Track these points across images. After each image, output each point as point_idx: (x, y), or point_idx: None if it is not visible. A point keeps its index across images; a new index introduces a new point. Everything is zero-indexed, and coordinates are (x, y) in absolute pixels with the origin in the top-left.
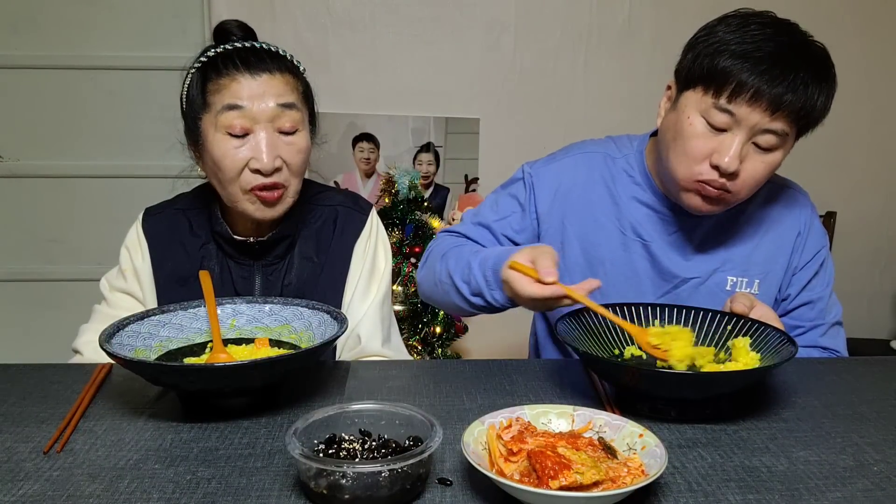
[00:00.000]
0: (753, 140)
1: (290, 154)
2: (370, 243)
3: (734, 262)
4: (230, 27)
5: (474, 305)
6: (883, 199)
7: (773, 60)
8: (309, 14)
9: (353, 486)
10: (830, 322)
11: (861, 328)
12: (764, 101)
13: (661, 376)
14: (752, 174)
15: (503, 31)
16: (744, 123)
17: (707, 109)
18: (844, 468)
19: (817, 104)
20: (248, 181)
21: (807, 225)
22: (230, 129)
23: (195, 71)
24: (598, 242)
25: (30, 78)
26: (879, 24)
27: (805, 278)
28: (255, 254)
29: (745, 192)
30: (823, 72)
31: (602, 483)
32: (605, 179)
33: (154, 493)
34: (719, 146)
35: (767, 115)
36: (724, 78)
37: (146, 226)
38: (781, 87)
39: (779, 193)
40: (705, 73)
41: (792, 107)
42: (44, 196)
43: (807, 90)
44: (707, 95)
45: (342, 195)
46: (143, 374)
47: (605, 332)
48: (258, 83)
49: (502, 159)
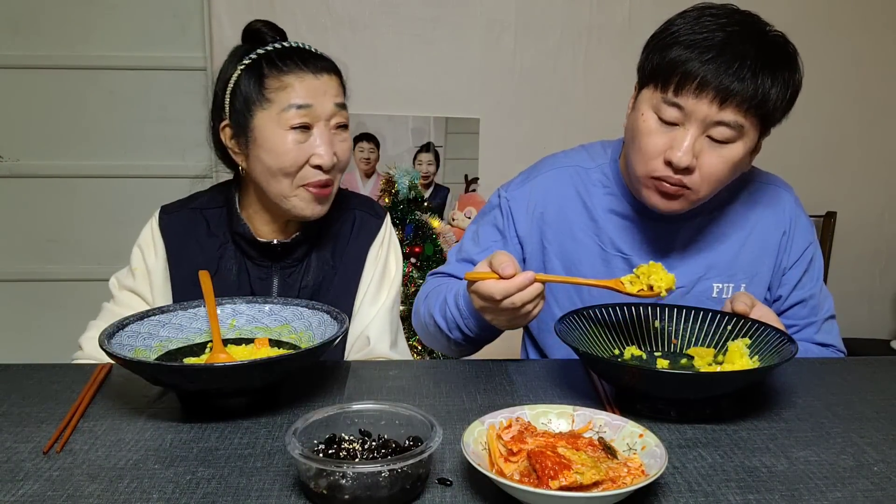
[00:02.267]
0: (708, 133)
1: (342, 150)
2: (383, 249)
3: (719, 268)
4: (262, 28)
5: (456, 342)
6: (883, 200)
7: (720, 50)
8: (309, 14)
9: (353, 487)
10: (824, 317)
11: (861, 328)
12: (710, 91)
13: (661, 376)
14: (709, 169)
15: (503, 31)
16: (693, 117)
17: (658, 105)
18: (844, 468)
19: (770, 94)
20: (305, 176)
21: (792, 223)
22: (294, 125)
23: (244, 68)
24: (578, 259)
25: (30, 78)
26: (879, 23)
27: (795, 277)
28: (274, 255)
29: (706, 188)
30: (778, 61)
31: (602, 483)
32: (580, 194)
33: (154, 493)
34: (672, 141)
35: (716, 106)
36: (671, 71)
37: (163, 224)
38: (727, 76)
39: (760, 192)
40: (655, 68)
41: (741, 96)
42: (44, 196)
43: (756, 79)
44: (657, 91)
45: (359, 199)
46: (142, 374)
47: (605, 332)
48: (320, 82)
49: (502, 159)
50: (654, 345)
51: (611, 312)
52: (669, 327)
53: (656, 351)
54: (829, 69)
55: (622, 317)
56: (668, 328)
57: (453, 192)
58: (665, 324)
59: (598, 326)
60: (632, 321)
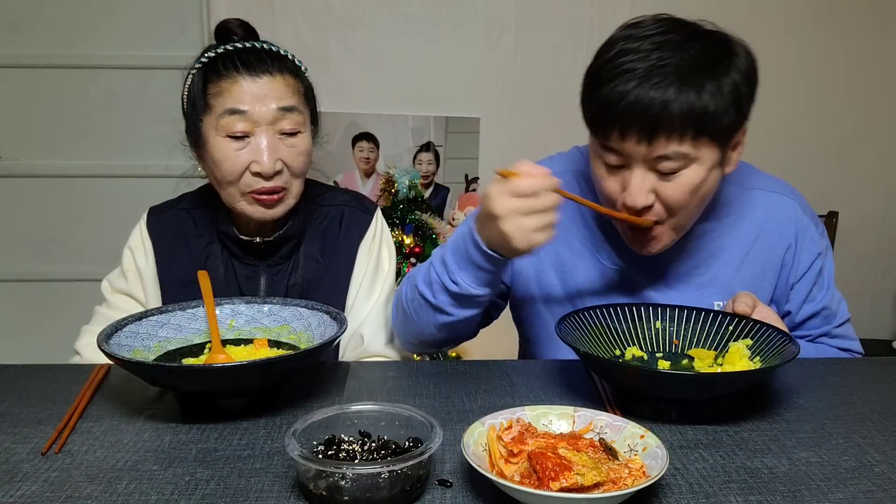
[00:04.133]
0: (655, 168)
1: (290, 156)
2: (375, 244)
3: (718, 286)
4: (231, 26)
5: (442, 309)
6: (885, 199)
7: (638, 82)
8: (309, 14)
9: (353, 488)
10: (838, 323)
11: (863, 328)
12: (634, 135)
13: (661, 377)
14: (671, 201)
15: (504, 30)
16: (632, 157)
17: (599, 152)
18: (846, 469)
19: (706, 116)
20: (248, 184)
21: (798, 235)
22: (231, 132)
23: (196, 72)
24: (574, 270)
25: (29, 77)
26: (880, 23)
27: (804, 291)
28: (260, 254)
29: (684, 215)
30: (700, 72)
31: (603, 484)
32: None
33: (152, 494)
34: (623, 183)
35: (645, 146)
36: (597, 119)
37: (151, 226)
38: (646, 115)
39: (762, 201)
40: (587, 119)
41: (669, 130)
42: (43, 196)
43: (683, 104)
44: (596, 139)
45: (347, 195)
46: (141, 374)
47: (606, 333)
48: (259, 85)
49: (502, 159)
50: (656, 345)
51: (612, 313)
52: (671, 328)
53: (658, 352)
54: (832, 69)
55: (623, 317)
56: (669, 329)
57: (453, 192)
58: (666, 324)
59: (598, 327)
60: (633, 322)
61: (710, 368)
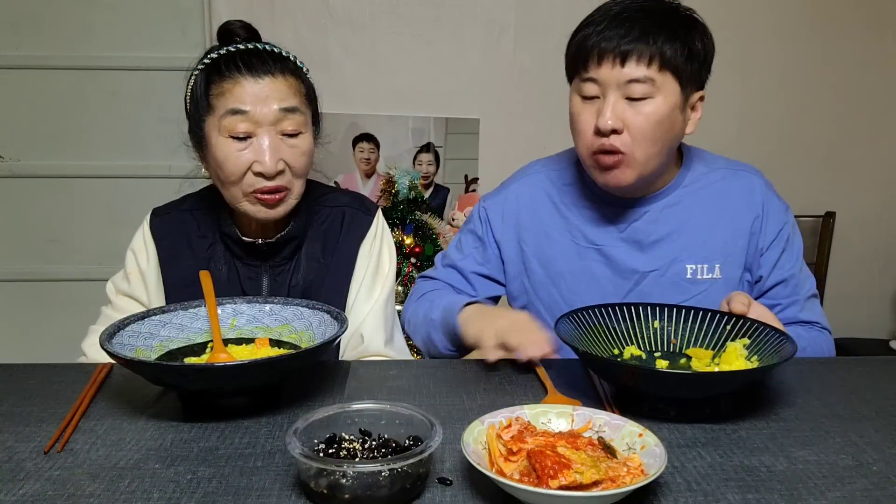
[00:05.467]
0: (626, 95)
1: (292, 157)
2: (375, 244)
3: (691, 249)
4: (234, 28)
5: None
6: (882, 200)
7: (611, 21)
8: (309, 14)
9: (354, 486)
10: (805, 296)
11: (860, 328)
12: (609, 55)
13: (660, 376)
14: (635, 127)
15: (503, 31)
16: (607, 83)
17: (579, 87)
18: (844, 468)
19: (667, 48)
20: (250, 184)
21: (763, 207)
22: (233, 133)
23: (198, 73)
24: (554, 257)
25: (30, 78)
26: (879, 24)
27: (773, 257)
28: (262, 255)
29: (640, 148)
30: (670, 22)
31: (602, 483)
32: (549, 195)
33: (154, 492)
34: (597, 112)
35: (618, 66)
36: (578, 54)
37: (154, 227)
38: (619, 38)
39: (729, 178)
40: (569, 61)
41: (637, 52)
42: (44, 196)
43: (648, 36)
44: (576, 78)
45: (349, 196)
46: (143, 373)
47: (605, 332)
48: (261, 86)
49: (502, 159)
50: (654, 345)
51: (610, 312)
52: (669, 327)
53: (656, 351)
54: (829, 70)
55: (622, 316)
56: (667, 328)
57: (453, 193)
58: (664, 324)
59: (597, 326)
60: (631, 321)
61: (708, 367)
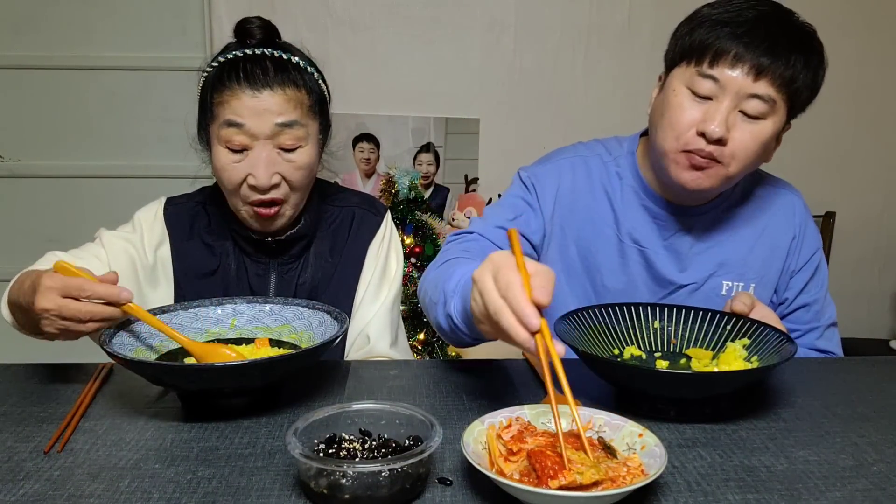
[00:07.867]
0: (740, 108)
1: (289, 171)
2: (383, 246)
3: (729, 266)
4: (250, 27)
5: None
6: (882, 199)
7: (753, 26)
8: (309, 14)
9: (354, 486)
10: (826, 324)
11: (860, 328)
12: (746, 64)
13: (660, 376)
14: (740, 143)
15: (503, 31)
16: (728, 89)
17: (691, 79)
18: (844, 468)
19: (800, 75)
20: (245, 195)
21: (801, 228)
22: (229, 145)
23: (207, 76)
24: (595, 249)
25: (31, 78)
26: (879, 23)
27: (802, 281)
28: (271, 252)
29: (736, 165)
30: (807, 44)
31: (602, 483)
32: (602, 184)
33: (154, 492)
34: (705, 114)
35: (750, 79)
36: (706, 45)
37: (167, 214)
38: (761, 50)
39: (772, 195)
40: (688, 47)
41: (774, 71)
42: (44, 196)
43: (789, 57)
44: (691, 66)
45: (359, 197)
46: (143, 373)
47: (605, 332)
48: (258, 100)
49: (502, 159)
50: (654, 345)
51: (611, 312)
52: (669, 327)
53: (656, 351)
54: (830, 69)
55: (622, 316)
56: (667, 328)
57: (453, 192)
58: (664, 324)
59: (598, 326)
60: (631, 321)
61: (707, 367)
